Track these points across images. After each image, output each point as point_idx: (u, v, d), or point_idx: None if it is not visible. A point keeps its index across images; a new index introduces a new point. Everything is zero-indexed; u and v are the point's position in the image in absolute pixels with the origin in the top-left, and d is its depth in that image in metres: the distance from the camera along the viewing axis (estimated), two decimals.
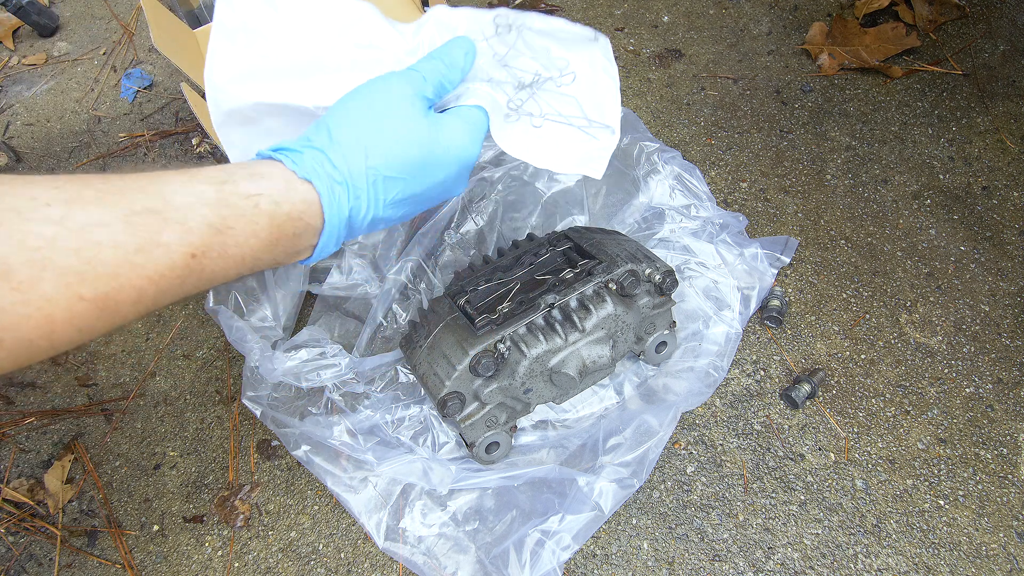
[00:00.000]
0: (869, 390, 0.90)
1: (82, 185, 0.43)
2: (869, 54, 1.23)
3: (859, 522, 0.81)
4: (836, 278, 1.00)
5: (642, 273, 0.81)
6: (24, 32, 1.47)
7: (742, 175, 1.12)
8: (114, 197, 0.44)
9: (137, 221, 0.43)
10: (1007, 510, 0.81)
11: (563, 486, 0.79)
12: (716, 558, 0.79)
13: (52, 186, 0.42)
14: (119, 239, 0.43)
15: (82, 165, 1.24)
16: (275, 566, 0.82)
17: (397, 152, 0.57)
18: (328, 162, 0.54)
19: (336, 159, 0.54)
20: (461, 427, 0.79)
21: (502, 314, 0.76)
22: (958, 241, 1.03)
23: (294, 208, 0.52)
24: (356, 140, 0.55)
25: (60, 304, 0.41)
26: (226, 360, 0.98)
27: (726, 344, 0.90)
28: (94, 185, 0.44)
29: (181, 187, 0.47)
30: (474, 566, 0.77)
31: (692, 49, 1.30)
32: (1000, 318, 0.95)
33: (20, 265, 0.39)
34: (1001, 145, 1.13)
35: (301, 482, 0.87)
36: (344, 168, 0.54)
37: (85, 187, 0.43)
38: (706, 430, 0.88)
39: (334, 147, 0.54)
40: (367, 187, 0.55)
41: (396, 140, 0.57)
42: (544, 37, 0.73)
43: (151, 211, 0.44)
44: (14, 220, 0.40)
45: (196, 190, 0.47)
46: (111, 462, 0.91)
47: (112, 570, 0.83)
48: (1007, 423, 0.87)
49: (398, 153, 0.57)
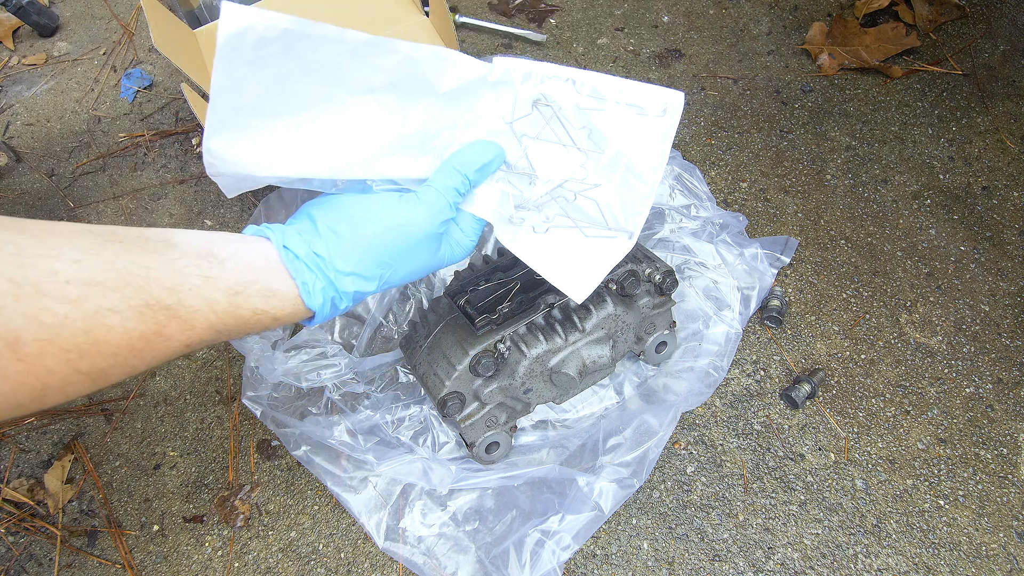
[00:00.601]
0: (869, 390, 0.90)
1: (104, 264, 0.44)
2: (869, 54, 1.23)
3: (859, 522, 0.81)
4: (836, 278, 1.00)
5: (642, 273, 0.81)
6: (24, 32, 1.47)
7: (742, 175, 1.12)
8: (134, 284, 0.45)
9: (148, 314, 0.46)
10: (1007, 510, 0.81)
11: (563, 486, 0.79)
12: (716, 558, 0.79)
13: (72, 258, 0.43)
14: (128, 326, 0.45)
15: (82, 165, 1.24)
16: (275, 566, 0.82)
17: (405, 277, 0.61)
18: (339, 297, 0.57)
19: (346, 293, 0.57)
20: (461, 427, 0.79)
21: (502, 314, 0.76)
22: (958, 241, 1.03)
23: (290, 319, 0.56)
24: (374, 280, 0.58)
25: (58, 375, 0.43)
26: (226, 360, 0.98)
27: (726, 344, 0.90)
28: (116, 265, 0.45)
29: (197, 289, 0.48)
30: (474, 566, 0.77)
31: (692, 49, 1.30)
32: (1000, 318, 0.95)
33: (31, 340, 0.41)
34: (1001, 145, 1.13)
35: (301, 482, 0.87)
36: (350, 301, 0.58)
37: (107, 267, 0.44)
38: (706, 430, 0.88)
39: (349, 283, 0.57)
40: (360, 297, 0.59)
41: (410, 275, 0.61)
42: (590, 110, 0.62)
43: (164, 308, 0.46)
44: (31, 296, 0.41)
45: (210, 297, 0.49)
46: (111, 462, 0.91)
47: (112, 570, 0.83)
48: (1007, 423, 0.87)
49: (405, 277, 0.61)
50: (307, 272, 0.55)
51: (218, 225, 1.11)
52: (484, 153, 0.63)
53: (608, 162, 0.63)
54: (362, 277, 0.57)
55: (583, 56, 1.29)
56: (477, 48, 1.31)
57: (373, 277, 0.58)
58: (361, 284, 0.57)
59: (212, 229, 1.11)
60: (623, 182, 0.63)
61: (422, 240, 0.60)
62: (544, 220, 0.66)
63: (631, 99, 0.62)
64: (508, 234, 0.66)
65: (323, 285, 0.55)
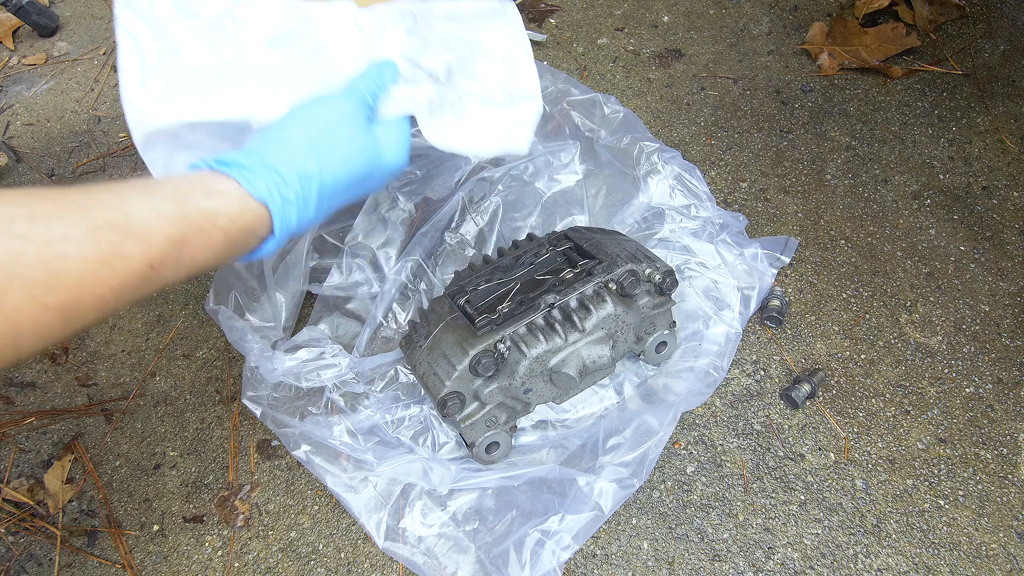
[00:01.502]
0: (869, 390, 0.90)
1: (44, 201, 0.45)
2: (869, 54, 1.23)
3: (859, 522, 0.81)
4: (836, 278, 1.00)
5: (642, 273, 0.81)
6: (24, 32, 1.47)
7: (742, 175, 1.12)
8: (77, 212, 0.46)
9: (101, 236, 0.46)
10: (1007, 510, 0.81)
11: (563, 486, 0.79)
12: (716, 558, 0.79)
13: (13, 203, 0.44)
14: (84, 252, 0.45)
15: (82, 165, 1.24)
16: (275, 566, 0.82)
17: (348, 170, 0.62)
18: (282, 182, 0.57)
19: (289, 178, 0.57)
20: (461, 427, 0.79)
21: (502, 314, 0.76)
22: (958, 241, 1.03)
23: (248, 224, 0.55)
24: (311, 159, 0.59)
25: (26, 313, 0.43)
26: (226, 360, 0.98)
27: (726, 344, 0.90)
28: (55, 201, 0.45)
29: (141, 203, 0.49)
30: (474, 566, 0.77)
31: (692, 49, 1.30)
32: (1000, 318, 0.95)
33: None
34: (1001, 145, 1.13)
35: (301, 482, 0.87)
36: (296, 187, 0.58)
37: (47, 203, 0.45)
38: (706, 430, 0.88)
39: (288, 166, 0.58)
40: (316, 202, 0.60)
41: (347, 159, 0.62)
42: (451, 21, 0.75)
43: (114, 226, 0.46)
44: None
45: (155, 206, 0.49)
46: (111, 462, 0.91)
47: (112, 570, 0.83)
48: (1007, 423, 0.87)
49: (349, 171, 0.62)
50: (242, 167, 0.56)
51: None
52: (380, 68, 0.70)
53: (485, 41, 0.76)
54: (298, 159, 0.58)
55: (583, 56, 1.29)
56: None
57: (309, 158, 0.59)
58: (300, 163, 0.58)
59: None
60: (502, 54, 0.76)
61: (347, 117, 0.63)
62: (457, 101, 0.74)
63: (466, 3, 0.76)
64: (434, 130, 0.72)
65: (263, 173, 0.56)
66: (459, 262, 0.97)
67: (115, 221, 0.46)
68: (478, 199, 0.98)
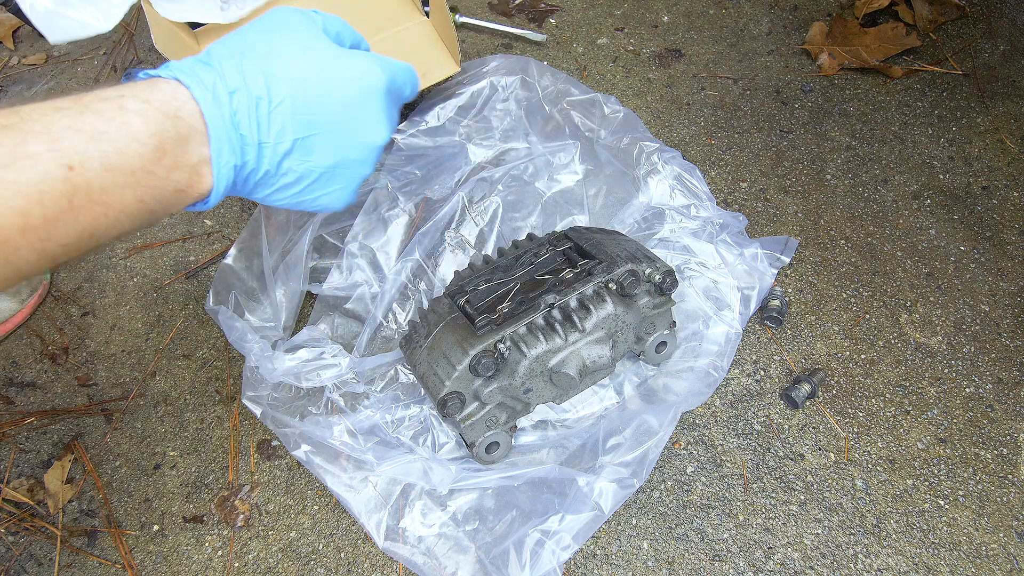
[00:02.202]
0: (869, 390, 0.90)
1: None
2: (869, 54, 1.23)
3: (859, 522, 0.81)
4: (836, 278, 1.00)
5: (642, 273, 0.81)
6: (24, 32, 1.47)
7: (742, 175, 1.12)
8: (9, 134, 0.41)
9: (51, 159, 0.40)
10: (1007, 510, 0.81)
11: (563, 486, 0.79)
12: (716, 558, 0.79)
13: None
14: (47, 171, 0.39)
15: None
16: (275, 566, 0.82)
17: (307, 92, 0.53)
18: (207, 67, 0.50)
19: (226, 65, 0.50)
20: (461, 427, 0.79)
21: (502, 314, 0.76)
22: (958, 241, 1.03)
23: (166, 104, 0.47)
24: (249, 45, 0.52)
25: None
26: (226, 360, 0.98)
27: (726, 344, 0.90)
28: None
29: (36, 106, 0.43)
30: (474, 566, 0.77)
31: (692, 49, 1.30)
32: (1000, 318, 0.95)
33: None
34: (1001, 145, 1.13)
35: (301, 482, 0.87)
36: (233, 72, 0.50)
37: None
38: (706, 430, 0.88)
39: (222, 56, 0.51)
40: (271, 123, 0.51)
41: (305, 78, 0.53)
42: None
43: (6, 127, 0.41)
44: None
45: (53, 105, 0.44)
46: (111, 462, 0.91)
47: (112, 570, 0.83)
48: (1007, 423, 0.87)
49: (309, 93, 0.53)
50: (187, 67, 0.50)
51: (218, 225, 1.11)
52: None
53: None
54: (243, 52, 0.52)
55: (583, 56, 1.29)
56: (477, 48, 1.31)
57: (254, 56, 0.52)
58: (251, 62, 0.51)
59: (212, 229, 1.11)
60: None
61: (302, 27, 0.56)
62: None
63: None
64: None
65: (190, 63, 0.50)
66: (459, 262, 0.97)
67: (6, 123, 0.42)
68: (478, 199, 0.98)
